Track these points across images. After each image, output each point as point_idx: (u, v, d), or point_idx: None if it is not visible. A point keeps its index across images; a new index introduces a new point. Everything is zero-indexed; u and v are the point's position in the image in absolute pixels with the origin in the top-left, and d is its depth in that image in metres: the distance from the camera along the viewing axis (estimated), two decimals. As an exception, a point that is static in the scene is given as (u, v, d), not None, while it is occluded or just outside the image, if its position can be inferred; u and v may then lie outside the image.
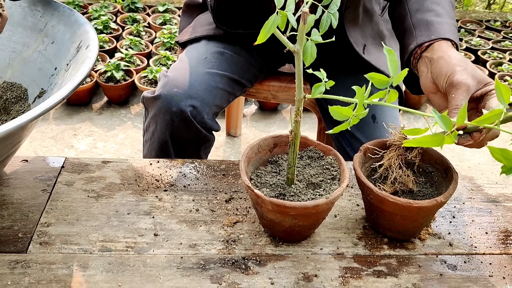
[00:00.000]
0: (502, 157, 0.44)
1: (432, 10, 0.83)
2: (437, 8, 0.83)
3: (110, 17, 2.48)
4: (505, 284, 0.67)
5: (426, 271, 0.68)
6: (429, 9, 0.83)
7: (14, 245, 0.67)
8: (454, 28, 0.81)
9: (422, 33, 0.79)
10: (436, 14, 0.82)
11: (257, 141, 0.71)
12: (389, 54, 0.50)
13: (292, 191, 0.66)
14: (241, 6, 0.99)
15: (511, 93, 0.45)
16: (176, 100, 0.88)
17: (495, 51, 2.47)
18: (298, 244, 0.70)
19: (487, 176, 0.87)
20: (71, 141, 1.79)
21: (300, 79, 0.59)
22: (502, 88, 0.44)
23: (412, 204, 0.63)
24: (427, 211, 0.65)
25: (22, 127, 0.54)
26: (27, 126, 0.59)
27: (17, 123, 0.54)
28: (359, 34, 1.04)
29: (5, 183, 0.77)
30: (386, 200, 0.64)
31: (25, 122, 0.54)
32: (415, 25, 0.82)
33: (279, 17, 0.55)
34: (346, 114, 0.52)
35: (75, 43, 0.76)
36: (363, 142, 0.74)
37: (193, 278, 0.64)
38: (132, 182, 0.79)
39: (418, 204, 0.63)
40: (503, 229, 0.76)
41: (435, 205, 0.64)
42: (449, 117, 0.44)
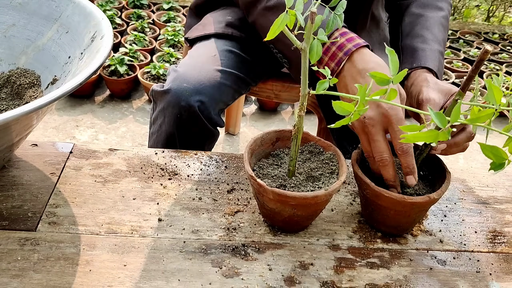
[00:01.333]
0: (491, 154, 0.47)
1: (420, 36, 0.89)
2: (426, 34, 0.89)
3: (115, 12, 2.51)
4: (491, 280, 0.70)
5: (416, 265, 0.71)
6: (417, 35, 0.90)
7: (24, 223, 0.70)
8: (437, 55, 0.88)
9: (406, 59, 0.87)
10: (423, 41, 0.88)
11: (260, 135, 0.75)
12: (391, 54, 0.54)
13: (293, 183, 0.69)
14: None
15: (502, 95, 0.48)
16: (185, 95, 0.91)
17: (492, 63, 2.52)
18: (295, 234, 0.73)
19: (478, 179, 0.91)
20: (73, 132, 1.82)
21: (306, 75, 0.62)
22: (494, 89, 0.48)
23: (406, 200, 0.66)
24: (420, 207, 0.68)
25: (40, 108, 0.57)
26: (43, 109, 0.62)
27: (34, 105, 0.57)
28: (366, 39, 1.08)
29: (15, 165, 0.80)
30: (382, 195, 0.67)
31: (44, 104, 0.57)
32: (403, 50, 0.89)
33: (288, 16, 0.58)
34: (348, 109, 0.55)
35: (90, 33, 0.78)
36: None
37: (195, 261, 0.67)
38: (138, 170, 0.82)
39: (412, 199, 0.66)
40: (491, 229, 0.79)
41: (428, 201, 0.67)
42: (442, 114, 0.48)
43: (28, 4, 0.90)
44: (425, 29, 0.93)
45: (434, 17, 0.95)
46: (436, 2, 0.99)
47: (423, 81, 0.78)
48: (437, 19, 0.96)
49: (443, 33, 0.92)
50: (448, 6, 0.99)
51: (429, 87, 0.76)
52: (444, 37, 0.92)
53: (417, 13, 0.97)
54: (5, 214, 0.71)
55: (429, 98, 0.74)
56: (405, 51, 0.91)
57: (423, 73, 0.81)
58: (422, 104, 0.75)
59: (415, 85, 0.80)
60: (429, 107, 0.49)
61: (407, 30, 0.96)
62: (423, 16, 0.94)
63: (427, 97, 0.74)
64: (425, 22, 0.94)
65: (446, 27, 0.96)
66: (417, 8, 0.98)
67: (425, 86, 0.76)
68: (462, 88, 0.59)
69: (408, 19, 0.97)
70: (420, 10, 0.97)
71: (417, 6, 0.98)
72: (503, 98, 0.51)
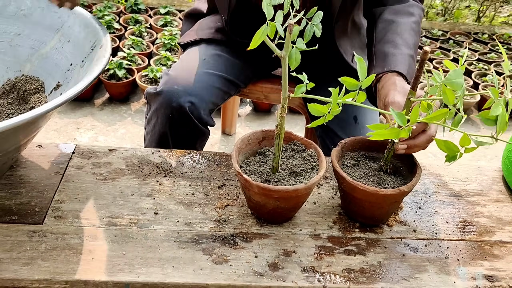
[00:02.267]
0: (445, 148, 0.54)
1: (391, 42, 0.95)
2: (396, 39, 0.95)
3: (114, 17, 2.57)
4: (459, 265, 0.77)
5: (390, 252, 0.78)
6: (389, 41, 0.96)
7: (32, 217, 0.76)
8: (407, 59, 0.94)
9: (378, 64, 0.93)
10: (394, 46, 0.94)
11: (248, 134, 0.81)
12: (359, 61, 0.61)
13: (276, 178, 0.76)
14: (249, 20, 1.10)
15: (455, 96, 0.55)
16: (176, 96, 0.98)
17: (481, 63, 2.59)
18: (280, 226, 0.80)
19: (453, 174, 0.98)
20: (73, 134, 1.88)
21: (286, 80, 0.69)
22: (448, 92, 0.54)
23: (378, 192, 0.73)
24: (391, 198, 0.75)
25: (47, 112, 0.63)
26: (48, 114, 0.68)
27: (42, 110, 0.64)
28: (348, 45, 1.15)
29: (22, 165, 0.87)
30: (357, 188, 0.74)
31: (51, 109, 0.63)
32: (376, 55, 0.96)
33: (269, 27, 0.65)
34: (322, 111, 0.62)
35: (90, 43, 0.85)
36: None
37: (188, 250, 0.74)
38: (136, 168, 0.89)
39: (384, 192, 0.73)
40: (462, 220, 0.86)
41: (399, 193, 0.74)
42: (403, 114, 0.55)
43: (32, 15, 0.96)
44: (396, 35, 0.98)
45: (405, 22, 1.01)
46: (407, 8, 1.05)
47: (391, 84, 0.85)
48: (408, 25, 1.01)
49: (414, 37, 0.98)
50: (420, 11, 1.05)
51: (396, 90, 0.82)
52: (415, 41, 0.98)
53: (389, 19, 1.02)
54: (14, 210, 0.77)
55: (394, 101, 0.80)
56: (378, 56, 0.97)
57: (392, 77, 0.88)
58: (388, 106, 0.81)
59: (384, 88, 0.86)
60: (391, 109, 0.56)
61: (380, 36, 1.01)
62: (395, 22, 1.00)
63: (392, 100, 0.81)
64: (396, 28, 1.00)
65: (418, 31, 1.02)
66: (390, 14, 1.03)
67: (392, 89, 0.83)
68: (412, 87, 0.66)
69: (381, 25, 1.03)
70: (392, 16, 1.03)
71: (389, 13, 1.03)
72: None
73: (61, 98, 0.67)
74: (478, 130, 2.23)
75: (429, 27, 3.00)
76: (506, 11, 3.79)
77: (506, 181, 0.96)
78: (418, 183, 0.93)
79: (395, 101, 0.80)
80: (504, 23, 3.46)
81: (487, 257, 0.79)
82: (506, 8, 3.84)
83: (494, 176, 0.98)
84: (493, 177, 0.98)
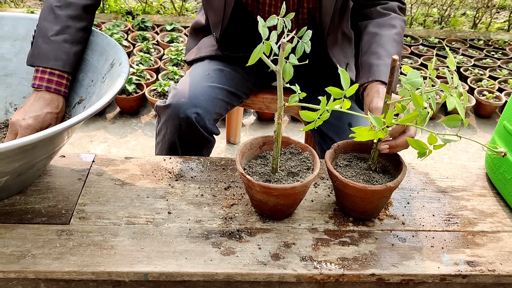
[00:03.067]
0: (416, 145, 0.63)
1: (375, 53, 1.04)
2: (380, 51, 1.04)
3: (122, 35, 2.69)
4: (443, 253, 0.85)
5: (381, 242, 0.86)
6: (373, 52, 1.05)
7: (59, 219, 0.86)
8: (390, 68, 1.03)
9: (364, 74, 1.02)
10: (378, 57, 1.03)
11: (250, 140, 0.91)
12: (342, 73, 0.70)
13: (276, 178, 0.85)
14: (240, 36, 1.20)
15: (423, 100, 0.64)
16: (184, 108, 1.08)
17: (476, 68, 2.67)
18: (281, 221, 0.89)
19: (440, 172, 1.06)
20: (87, 147, 1.99)
21: (281, 91, 0.78)
22: (417, 97, 0.63)
23: (367, 188, 0.82)
24: (380, 194, 0.83)
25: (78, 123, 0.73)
26: (77, 125, 0.78)
27: (77, 119, 0.74)
28: (341, 54, 1.24)
29: (48, 173, 0.97)
30: (348, 185, 0.83)
31: (83, 119, 0.73)
32: (362, 66, 1.06)
33: (265, 46, 0.74)
34: (312, 117, 0.71)
35: (108, 61, 0.95)
36: None
37: (199, 244, 0.83)
38: (150, 174, 0.98)
39: (372, 188, 0.82)
40: (447, 213, 0.95)
41: (386, 189, 0.82)
42: (380, 118, 0.64)
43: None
44: (379, 47, 1.08)
45: (388, 35, 1.10)
46: (389, 21, 1.14)
47: (375, 92, 0.94)
48: (390, 37, 1.10)
49: (396, 48, 1.08)
50: (401, 23, 1.15)
51: (379, 97, 0.92)
52: (397, 51, 1.07)
53: (373, 32, 1.12)
54: (44, 212, 0.87)
55: (376, 107, 0.90)
56: (363, 67, 1.07)
57: (376, 86, 0.97)
58: (372, 111, 0.91)
59: (369, 95, 0.95)
60: (369, 113, 0.65)
61: (365, 48, 1.11)
62: (378, 35, 1.09)
63: (375, 106, 0.90)
64: (380, 39, 1.09)
65: (400, 41, 1.12)
66: (373, 27, 1.13)
67: (376, 96, 0.92)
68: (387, 92, 0.75)
69: (366, 38, 1.12)
70: (375, 29, 1.12)
71: (373, 26, 1.13)
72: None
73: (91, 109, 0.77)
74: (475, 133, 2.30)
75: (426, 35, 3.09)
76: (503, 17, 3.88)
77: (489, 178, 1.04)
78: (407, 180, 1.02)
79: (377, 106, 0.89)
80: (500, 29, 3.55)
81: (469, 245, 0.87)
82: (502, 14, 3.93)
83: (478, 173, 1.07)
84: (477, 174, 1.06)
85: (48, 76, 0.95)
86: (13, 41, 1.06)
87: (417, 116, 0.64)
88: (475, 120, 2.40)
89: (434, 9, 3.56)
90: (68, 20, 0.98)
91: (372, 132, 0.63)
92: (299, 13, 1.19)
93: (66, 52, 0.95)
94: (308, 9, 1.18)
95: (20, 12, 2.90)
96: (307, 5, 1.17)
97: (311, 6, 1.17)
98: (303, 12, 1.19)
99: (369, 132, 0.64)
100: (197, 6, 3.59)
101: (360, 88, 1.05)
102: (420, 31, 3.18)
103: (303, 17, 1.20)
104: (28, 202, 0.89)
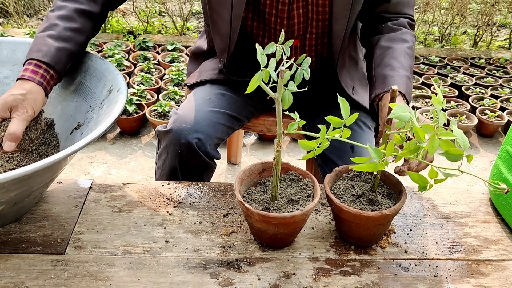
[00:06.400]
0: (417, 179, 0.61)
1: (389, 65, 1.05)
2: (393, 63, 1.05)
3: (123, 55, 2.71)
4: (447, 282, 0.83)
5: (383, 272, 0.84)
6: (387, 64, 1.05)
7: (55, 248, 0.84)
8: (404, 79, 1.04)
9: (379, 85, 1.02)
10: (392, 69, 1.04)
11: (249, 166, 0.89)
12: (342, 103, 0.69)
13: (275, 206, 0.83)
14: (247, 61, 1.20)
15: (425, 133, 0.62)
16: (185, 134, 1.07)
17: (478, 87, 2.67)
18: (281, 250, 0.87)
19: (443, 197, 1.04)
20: (87, 168, 1.98)
21: (280, 118, 0.77)
22: (419, 131, 0.62)
23: (361, 214, 0.80)
24: (375, 220, 0.81)
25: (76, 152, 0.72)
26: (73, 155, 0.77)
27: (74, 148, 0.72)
28: (348, 78, 1.24)
29: (45, 200, 0.95)
30: (343, 209, 0.81)
31: (76, 150, 0.72)
32: (376, 78, 1.05)
33: (263, 73, 0.73)
34: (311, 146, 0.70)
35: (107, 87, 0.95)
36: None
37: (196, 274, 0.81)
38: (148, 200, 0.97)
39: (366, 214, 0.80)
40: (450, 240, 0.93)
41: (381, 216, 0.80)
42: (379, 150, 0.62)
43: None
44: (393, 59, 1.09)
45: (400, 48, 1.11)
46: (401, 35, 1.15)
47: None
48: (403, 50, 1.11)
49: (409, 61, 1.09)
50: (412, 37, 1.16)
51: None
52: (410, 64, 1.09)
53: (386, 46, 1.13)
54: (39, 241, 0.85)
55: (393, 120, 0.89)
56: (378, 79, 1.07)
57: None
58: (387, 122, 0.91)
59: (385, 105, 0.95)
60: (369, 145, 0.64)
61: (378, 61, 1.11)
62: (391, 48, 1.11)
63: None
64: (393, 53, 1.10)
65: (412, 55, 1.13)
66: (386, 42, 1.14)
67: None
68: (387, 121, 0.74)
69: (379, 52, 1.13)
70: (388, 43, 1.13)
71: (385, 40, 1.14)
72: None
73: (88, 138, 0.76)
74: (477, 152, 2.29)
75: (426, 54, 3.10)
76: (503, 35, 3.89)
77: (493, 203, 1.02)
78: (409, 206, 1.00)
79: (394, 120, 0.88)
80: (501, 47, 3.55)
81: (474, 275, 0.85)
82: (503, 32, 3.95)
83: (481, 198, 1.05)
84: (480, 199, 1.04)
85: (26, 66, 0.93)
86: (11, 66, 1.06)
87: (416, 151, 0.62)
88: (477, 139, 2.38)
89: (435, 27, 3.58)
90: (56, 19, 0.98)
91: (372, 164, 0.62)
92: (306, 39, 1.19)
93: (47, 45, 0.94)
94: (316, 34, 1.19)
95: (22, 33, 2.92)
96: (315, 30, 1.18)
97: (319, 31, 1.18)
98: (311, 38, 1.19)
99: (369, 164, 0.63)
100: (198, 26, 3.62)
101: (375, 99, 1.06)
102: (421, 50, 3.19)
103: (311, 43, 1.20)
104: (24, 231, 0.87)
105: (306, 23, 1.16)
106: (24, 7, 3.41)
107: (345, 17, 1.11)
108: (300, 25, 1.16)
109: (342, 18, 1.12)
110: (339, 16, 1.12)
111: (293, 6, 1.13)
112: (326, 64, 1.26)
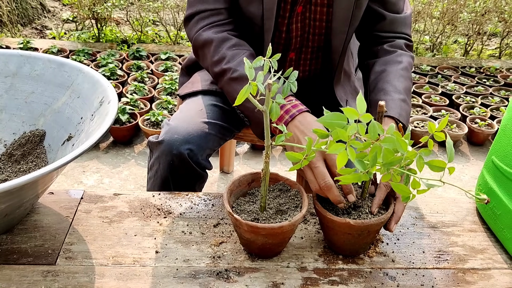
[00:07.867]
0: (399, 190, 0.63)
1: (382, 90, 1.08)
2: (386, 87, 1.07)
3: (117, 64, 2.72)
4: (433, 291, 0.84)
5: (370, 281, 0.85)
6: (380, 89, 1.08)
7: (45, 259, 0.85)
8: (398, 103, 1.05)
9: (373, 111, 1.05)
10: (385, 93, 1.07)
11: (238, 177, 0.91)
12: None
13: (264, 216, 0.84)
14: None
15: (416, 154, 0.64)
16: (177, 145, 1.08)
17: (468, 95, 2.70)
18: (270, 260, 0.88)
19: (430, 207, 1.06)
20: (80, 177, 1.98)
21: (268, 130, 0.78)
22: (401, 142, 0.64)
23: (341, 221, 0.81)
24: (357, 230, 0.82)
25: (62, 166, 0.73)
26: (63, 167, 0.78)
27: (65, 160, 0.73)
28: (342, 92, 1.27)
29: (36, 211, 0.96)
30: (326, 217, 0.83)
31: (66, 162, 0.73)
32: (370, 104, 1.10)
33: (251, 86, 0.75)
34: (298, 158, 0.71)
35: (98, 98, 0.96)
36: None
37: (186, 285, 0.82)
38: (138, 211, 0.98)
39: (346, 221, 0.81)
40: (437, 249, 0.94)
41: (362, 225, 0.81)
42: (364, 161, 0.64)
43: (44, 74, 1.08)
44: (386, 83, 1.10)
45: (393, 71, 1.12)
46: (395, 57, 1.16)
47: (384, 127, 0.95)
48: (396, 72, 1.13)
49: (404, 82, 1.10)
50: (408, 58, 1.17)
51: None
52: (405, 86, 1.10)
53: (380, 70, 1.14)
54: (29, 252, 0.86)
55: None
56: (372, 105, 1.10)
57: (385, 120, 0.99)
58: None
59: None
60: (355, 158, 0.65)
61: (372, 86, 1.14)
62: (385, 72, 1.12)
63: None
64: (386, 76, 1.12)
65: (407, 77, 1.14)
66: (380, 66, 1.15)
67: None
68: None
69: (373, 76, 1.15)
70: (382, 67, 1.15)
71: (379, 64, 1.16)
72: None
73: (79, 150, 0.76)
74: (468, 161, 2.31)
75: (418, 63, 3.13)
76: (494, 43, 3.94)
77: (479, 212, 1.04)
78: (397, 216, 1.01)
79: None
80: (492, 56, 3.60)
81: (460, 283, 0.86)
82: (493, 41, 4.00)
83: (468, 208, 1.06)
84: (467, 208, 1.06)
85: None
86: (4, 78, 1.07)
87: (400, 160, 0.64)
88: (468, 148, 2.41)
89: (426, 36, 3.62)
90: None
91: (356, 175, 0.64)
92: (302, 52, 1.21)
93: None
94: (312, 48, 1.21)
95: (16, 42, 2.93)
96: (311, 43, 1.20)
97: (315, 45, 1.20)
98: (307, 51, 1.21)
99: (353, 175, 0.64)
100: (192, 35, 3.63)
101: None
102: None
103: (306, 56, 1.22)
104: (15, 242, 0.88)
105: (303, 36, 1.19)
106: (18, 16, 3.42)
107: (344, 33, 1.14)
108: (297, 38, 1.18)
109: (340, 33, 1.14)
110: (338, 32, 1.14)
111: (292, 20, 1.15)
112: (321, 78, 1.28)
